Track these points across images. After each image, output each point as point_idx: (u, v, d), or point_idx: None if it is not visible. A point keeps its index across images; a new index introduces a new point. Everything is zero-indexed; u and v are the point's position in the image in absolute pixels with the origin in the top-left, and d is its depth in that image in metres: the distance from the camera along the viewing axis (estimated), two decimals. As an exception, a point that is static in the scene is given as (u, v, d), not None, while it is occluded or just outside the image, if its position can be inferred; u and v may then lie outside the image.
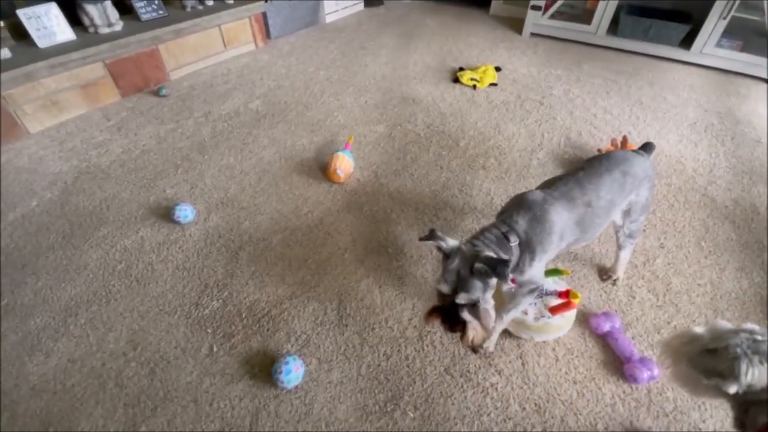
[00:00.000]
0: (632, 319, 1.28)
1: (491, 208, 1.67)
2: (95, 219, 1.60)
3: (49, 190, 1.72)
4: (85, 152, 1.93)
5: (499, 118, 2.24)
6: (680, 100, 2.39)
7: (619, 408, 1.08)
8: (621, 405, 1.08)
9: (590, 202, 1.05)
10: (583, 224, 1.05)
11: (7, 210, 1.62)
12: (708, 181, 1.81)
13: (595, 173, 1.09)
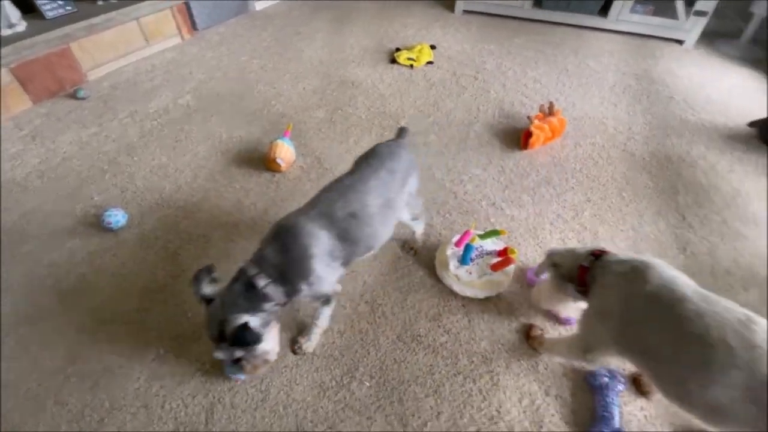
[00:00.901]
0: (565, 270, 1.39)
1: (432, 182, 1.72)
2: (16, 235, 1.48)
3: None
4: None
5: (436, 95, 2.28)
6: (601, 66, 2.56)
7: (556, 350, 1.17)
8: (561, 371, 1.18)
9: (355, 212, 0.99)
10: (352, 237, 0.99)
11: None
12: (627, 137, 1.97)
13: (361, 179, 1.04)
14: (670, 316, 0.77)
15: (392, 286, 1.34)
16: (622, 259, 0.90)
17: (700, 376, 0.72)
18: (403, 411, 1.05)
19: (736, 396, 0.68)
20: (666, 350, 0.77)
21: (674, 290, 0.79)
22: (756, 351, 0.68)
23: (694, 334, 0.73)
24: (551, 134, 1.88)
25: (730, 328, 0.71)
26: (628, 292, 0.84)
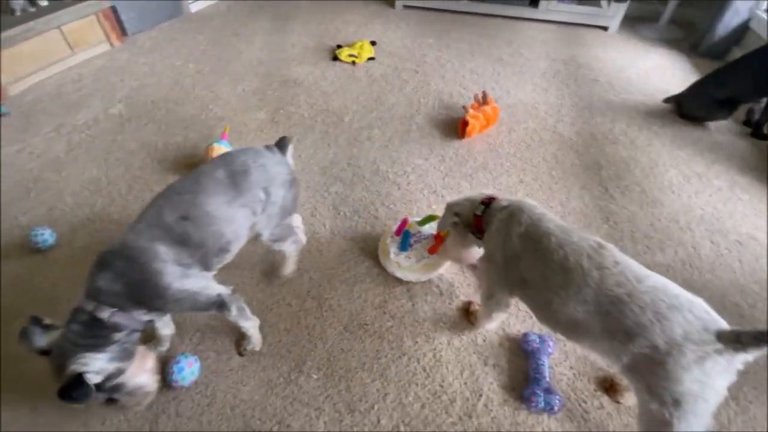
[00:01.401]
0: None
1: (377, 176, 1.76)
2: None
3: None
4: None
5: (379, 90, 2.32)
6: (533, 54, 2.69)
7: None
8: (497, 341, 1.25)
9: (186, 214, 0.92)
10: (193, 241, 0.92)
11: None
12: (556, 119, 2.10)
13: (192, 180, 0.99)
14: (538, 249, 0.88)
15: (338, 279, 1.36)
16: (503, 205, 1.00)
17: (562, 296, 0.83)
18: (351, 398, 1.08)
19: (590, 310, 0.80)
20: (537, 279, 0.88)
21: (540, 227, 0.91)
22: (604, 271, 0.79)
23: (557, 262, 0.84)
24: (486, 122, 1.97)
25: (585, 254, 0.82)
26: (506, 234, 0.94)
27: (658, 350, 0.72)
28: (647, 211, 1.59)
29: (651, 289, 0.76)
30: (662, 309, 0.73)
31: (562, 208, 1.61)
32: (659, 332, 0.72)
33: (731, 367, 0.71)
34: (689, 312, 0.73)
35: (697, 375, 0.70)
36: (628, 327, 0.75)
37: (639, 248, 1.45)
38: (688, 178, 1.74)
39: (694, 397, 0.71)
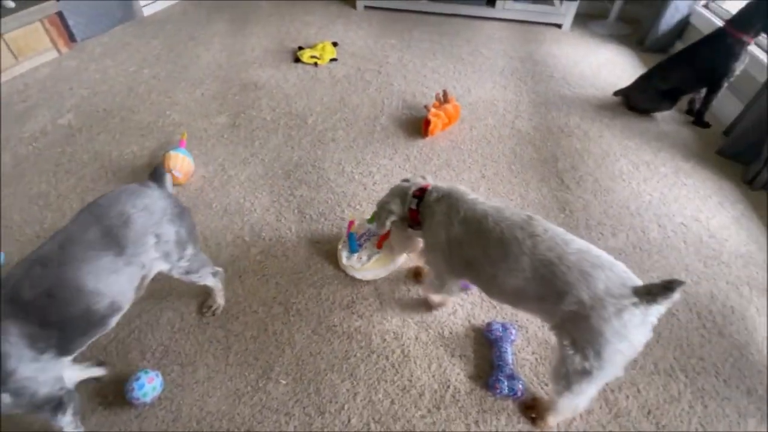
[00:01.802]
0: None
1: (342, 176, 1.76)
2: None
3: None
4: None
5: (342, 91, 2.32)
6: (492, 52, 2.77)
7: (460, 313, 1.27)
8: (461, 310, 1.28)
9: (50, 291, 0.79)
10: (58, 319, 0.80)
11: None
12: (515, 115, 2.17)
13: (59, 247, 0.83)
14: (478, 230, 0.94)
15: (305, 282, 1.36)
16: (437, 195, 1.04)
17: (503, 268, 0.90)
18: (320, 400, 1.08)
19: (528, 276, 0.87)
20: (480, 258, 0.94)
21: (477, 210, 0.97)
22: (536, 239, 0.87)
23: (495, 239, 0.91)
24: (448, 120, 2.01)
25: (518, 226, 0.90)
26: (448, 222, 0.99)
27: (583, 305, 0.79)
28: (600, 199, 1.68)
29: (577, 251, 0.83)
30: (587, 267, 0.80)
31: (521, 200, 1.67)
32: (585, 288, 0.79)
33: (646, 320, 0.78)
34: (610, 270, 0.80)
35: (616, 326, 0.77)
36: (558, 286, 0.82)
37: (593, 235, 1.53)
38: (637, 166, 1.84)
39: (614, 349, 0.78)
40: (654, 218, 1.60)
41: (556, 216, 1.61)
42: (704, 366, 1.16)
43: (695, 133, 2.07)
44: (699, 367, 1.16)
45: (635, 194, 1.70)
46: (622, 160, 1.88)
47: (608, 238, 1.52)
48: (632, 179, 1.77)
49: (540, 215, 1.57)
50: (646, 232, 1.54)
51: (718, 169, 1.84)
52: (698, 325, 1.25)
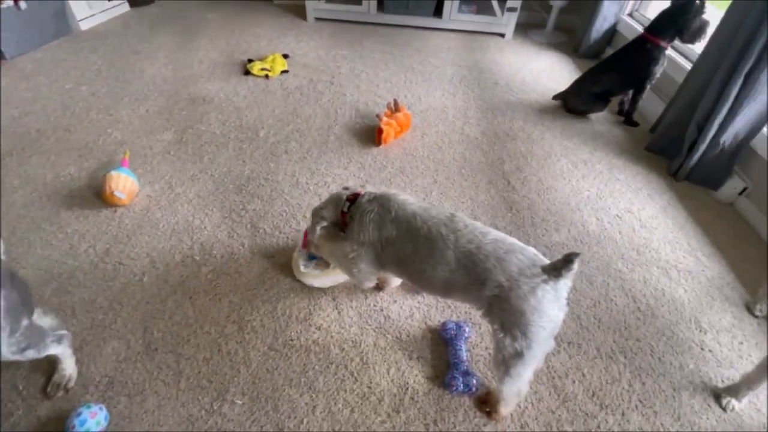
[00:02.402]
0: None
1: (297, 188, 1.75)
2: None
3: None
4: None
5: (295, 102, 2.32)
6: (441, 61, 2.87)
7: (416, 315, 1.30)
8: (417, 312, 1.31)
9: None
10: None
11: None
12: (464, 122, 2.26)
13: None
14: (408, 229, 1.00)
15: (260, 298, 1.33)
16: (369, 199, 1.09)
17: (431, 263, 0.96)
18: (279, 417, 1.06)
19: (453, 268, 0.94)
20: (411, 254, 1.00)
21: (406, 210, 1.03)
22: (457, 233, 0.94)
23: (423, 236, 0.97)
24: (400, 128, 2.06)
25: (442, 223, 0.97)
26: (381, 222, 1.05)
27: (502, 287, 0.87)
28: (544, 198, 1.78)
29: (492, 241, 0.91)
30: (501, 254, 0.88)
31: (471, 202, 1.74)
32: (501, 272, 0.87)
33: (558, 294, 0.86)
34: (521, 253, 0.89)
35: (533, 303, 0.84)
36: (479, 273, 0.90)
37: (538, 231, 1.62)
38: (576, 165, 1.97)
39: (536, 326, 0.86)
40: (592, 212, 1.71)
41: (504, 215, 1.69)
42: (641, 346, 1.26)
43: (626, 132, 2.25)
44: (636, 348, 1.25)
45: (575, 191, 1.82)
46: (563, 159, 2.01)
47: (552, 233, 1.62)
48: (572, 177, 1.90)
49: (489, 215, 1.67)
50: (585, 226, 1.65)
51: (646, 163, 2.01)
52: (634, 309, 1.35)
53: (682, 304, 1.38)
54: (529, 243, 1.53)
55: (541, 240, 1.58)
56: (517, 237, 1.53)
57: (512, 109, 2.38)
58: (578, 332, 1.28)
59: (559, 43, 3.28)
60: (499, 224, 1.64)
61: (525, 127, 2.23)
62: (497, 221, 1.65)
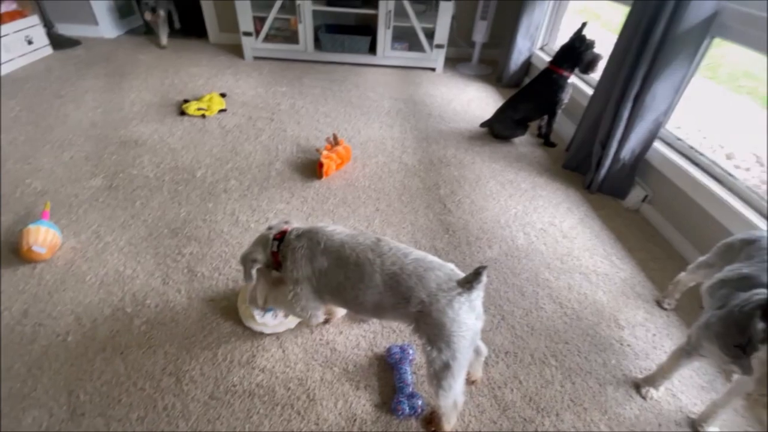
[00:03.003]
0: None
1: (237, 227, 1.74)
2: None
3: None
4: None
5: (234, 141, 2.32)
6: (378, 95, 3.04)
7: (362, 344, 1.32)
8: (363, 341, 1.33)
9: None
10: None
11: None
12: (402, 151, 2.38)
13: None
14: (338, 258, 1.05)
15: (199, 346, 1.29)
16: (297, 235, 1.12)
17: (362, 288, 1.01)
18: (221, 469, 1.02)
19: (382, 290, 0.99)
20: (343, 282, 1.04)
21: (335, 240, 1.07)
22: (383, 257, 1.00)
23: (353, 263, 1.02)
24: (341, 161, 2.13)
25: (369, 248, 1.03)
26: (312, 256, 1.08)
27: (424, 303, 0.93)
28: (476, 217, 1.91)
29: (413, 260, 0.98)
30: (421, 272, 0.96)
31: (412, 226, 1.82)
32: (421, 288, 0.94)
33: (473, 304, 0.94)
34: (439, 270, 0.96)
35: (450, 315, 0.91)
36: (403, 292, 0.96)
37: (473, 249, 1.73)
38: (503, 185, 2.15)
39: (457, 336, 0.92)
40: (520, 227, 1.87)
41: (442, 237, 1.78)
42: (569, 348, 1.37)
43: (545, 152, 2.49)
44: (565, 350, 1.36)
45: (503, 209, 1.97)
46: (492, 181, 2.18)
47: (486, 250, 1.73)
48: (500, 197, 2.06)
49: (428, 238, 1.76)
50: (514, 241, 1.79)
51: (564, 179, 2.23)
52: (561, 314, 1.48)
53: (602, 305, 1.53)
54: (465, 261, 1.65)
55: (476, 257, 1.69)
56: (455, 256, 1.66)
57: (445, 138, 2.56)
58: (513, 342, 1.37)
59: (484, 75, 3.60)
60: (437, 246, 1.73)
61: (457, 153, 2.40)
62: (436, 243, 1.74)
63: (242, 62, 3.35)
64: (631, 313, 1.50)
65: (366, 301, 1.02)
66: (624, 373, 1.30)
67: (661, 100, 1.86)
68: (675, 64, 1.77)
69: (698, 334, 1.08)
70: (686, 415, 1.21)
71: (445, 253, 1.69)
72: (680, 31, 1.70)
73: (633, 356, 1.36)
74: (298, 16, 3.24)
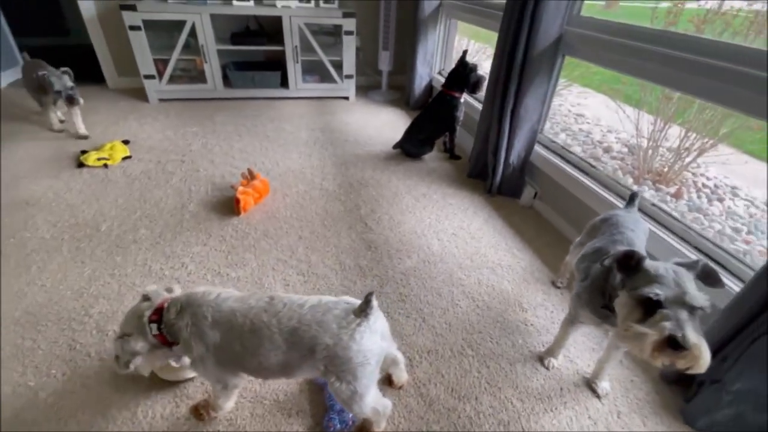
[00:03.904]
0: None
1: (150, 277, 1.67)
2: None
3: None
4: None
5: (141, 188, 2.23)
6: (294, 127, 3.12)
7: (294, 374, 1.35)
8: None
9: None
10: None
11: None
12: (321, 178, 2.48)
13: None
14: (231, 329, 0.99)
15: (116, 407, 1.21)
16: (177, 311, 1.01)
17: (263, 352, 0.97)
18: None
19: (285, 349, 0.97)
20: (242, 352, 0.99)
21: (223, 309, 1.00)
22: (279, 315, 0.97)
23: (248, 330, 0.97)
24: (258, 195, 2.16)
25: (262, 310, 0.99)
26: (199, 333, 1.00)
27: (329, 347, 0.94)
28: (396, 232, 2.05)
29: (310, 308, 0.97)
30: (319, 317, 0.96)
31: (336, 249, 1.90)
32: (324, 332, 0.95)
33: (373, 327, 0.98)
34: (335, 309, 0.98)
35: (354, 348, 0.95)
36: (307, 343, 0.94)
37: (394, 261, 1.85)
38: (418, 199, 2.33)
39: (362, 365, 0.96)
40: (434, 235, 2.04)
41: (365, 254, 1.88)
42: (483, 337, 1.52)
43: (452, 165, 2.75)
44: (479, 339, 1.51)
45: (419, 220, 2.14)
46: (407, 196, 2.36)
47: (405, 260, 1.86)
48: (415, 209, 2.23)
49: (353, 257, 1.85)
50: (430, 248, 1.95)
51: (469, 187, 2.49)
52: (474, 307, 1.64)
53: (507, 293, 1.72)
54: (388, 273, 1.76)
55: (397, 268, 1.81)
56: (378, 271, 1.76)
57: (362, 161, 2.71)
58: (434, 340, 1.49)
59: (394, 100, 3.87)
60: (361, 263, 1.82)
61: (374, 174, 2.56)
62: (360, 261, 1.84)
63: (147, 106, 3.24)
64: (532, 296, 1.72)
65: (271, 365, 0.98)
66: (530, 350, 1.48)
67: (533, 112, 2.19)
68: (537, 80, 2.11)
69: (573, 304, 1.29)
70: (582, 376, 1.41)
71: (369, 269, 1.79)
72: (537, 53, 2.04)
73: (536, 333, 1.55)
74: (202, 56, 3.24)
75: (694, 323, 0.89)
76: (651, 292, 0.92)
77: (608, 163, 2.85)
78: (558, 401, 1.31)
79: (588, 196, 1.93)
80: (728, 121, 2.45)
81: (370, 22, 3.91)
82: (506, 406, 1.29)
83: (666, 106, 2.65)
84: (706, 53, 1.40)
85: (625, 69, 1.75)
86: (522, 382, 1.37)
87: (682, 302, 0.90)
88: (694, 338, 0.86)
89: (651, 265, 0.98)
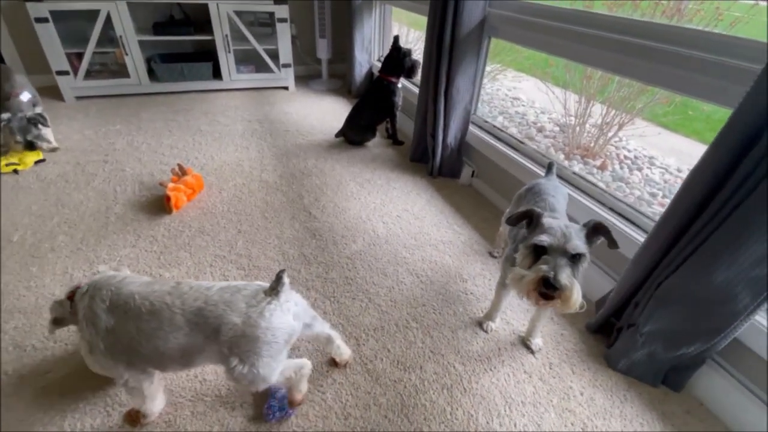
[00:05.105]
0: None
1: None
2: None
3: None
4: None
5: (58, 192, 2.04)
6: (230, 119, 2.99)
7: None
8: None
9: None
10: None
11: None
12: (261, 170, 2.40)
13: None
14: (127, 311, 0.95)
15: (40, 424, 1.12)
16: (83, 292, 0.99)
17: (162, 335, 0.94)
18: None
19: (186, 331, 0.93)
20: (136, 336, 0.94)
21: (122, 292, 0.96)
22: (184, 296, 0.95)
23: (147, 312, 0.94)
24: (192, 191, 2.05)
25: (166, 293, 0.96)
26: (93, 315, 0.96)
27: (236, 326, 0.93)
28: (341, 218, 2.05)
29: (218, 290, 0.96)
30: (227, 297, 0.95)
31: (278, 240, 1.86)
32: (231, 312, 0.93)
33: (284, 306, 0.98)
34: (245, 290, 0.98)
35: (263, 325, 0.95)
36: (212, 323, 0.93)
37: (340, 247, 1.85)
38: (362, 185, 2.34)
39: (268, 343, 0.96)
40: (379, 218, 2.06)
41: (309, 243, 1.86)
42: (426, 309, 1.57)
43: (395, 150, 2.79)
44: (423, 312, 1.56)
45: (364, 206, 2.15)
46: (351, 183, 2.36)
47: (351, 245, 1.87)
48: (360, 195, 2.24)
49: (296, 246, 1.83)
50: (375, 231, 1.97)
51: (412, 170, 2.54)
52: (418, 282, 1.69)
53: (449, 267, 1.79)
54: (334, 259, 1.76)
55: (343, 253, 1.81)
56: (323, 258, 1.75)
57: (304, 151, 2.66)
58: (380, 317, 1.52)
59: (335, 89, 3.83)
60: (306, 252, 1.80)
61: (317, 163, 2.53)
62: (304, 250, 1.82)
63: (62, 105, 2.95)
64: (471, 267, 1.80)
65: (169, 349, 0.94)
66: (470, 317, 1.56)
67: (464, 93, 2.26)
68: (466, 61, 2.17)
69: (503, 268, 1.37)
70: (518, 335, 1.50)
71: (314, 257, 1.78)
72: (463, 35, 2.10)
73: (475, 301, 1.63)
74: (122, 48, 3.00)
75: (573, 269, 1.00)
76: (537, 239, 1.03)
77: (542, 142, 3.03)
78: (497, 360, 1.40)
79: (518, 171, 2.04)
80: (642, 97, 2.69)
81: (305, 9, 3.81)
82: (449, 370, 1.35)
83: (588, 84, 2.86)
84: (617, 30, 1.52)
85: (546, 48, 1.85)
86: (463, 347, 1.44)
87: (564, 250, 1.01)
88: (565, 279, 0.97)
89: (546, 221, 1.08)
